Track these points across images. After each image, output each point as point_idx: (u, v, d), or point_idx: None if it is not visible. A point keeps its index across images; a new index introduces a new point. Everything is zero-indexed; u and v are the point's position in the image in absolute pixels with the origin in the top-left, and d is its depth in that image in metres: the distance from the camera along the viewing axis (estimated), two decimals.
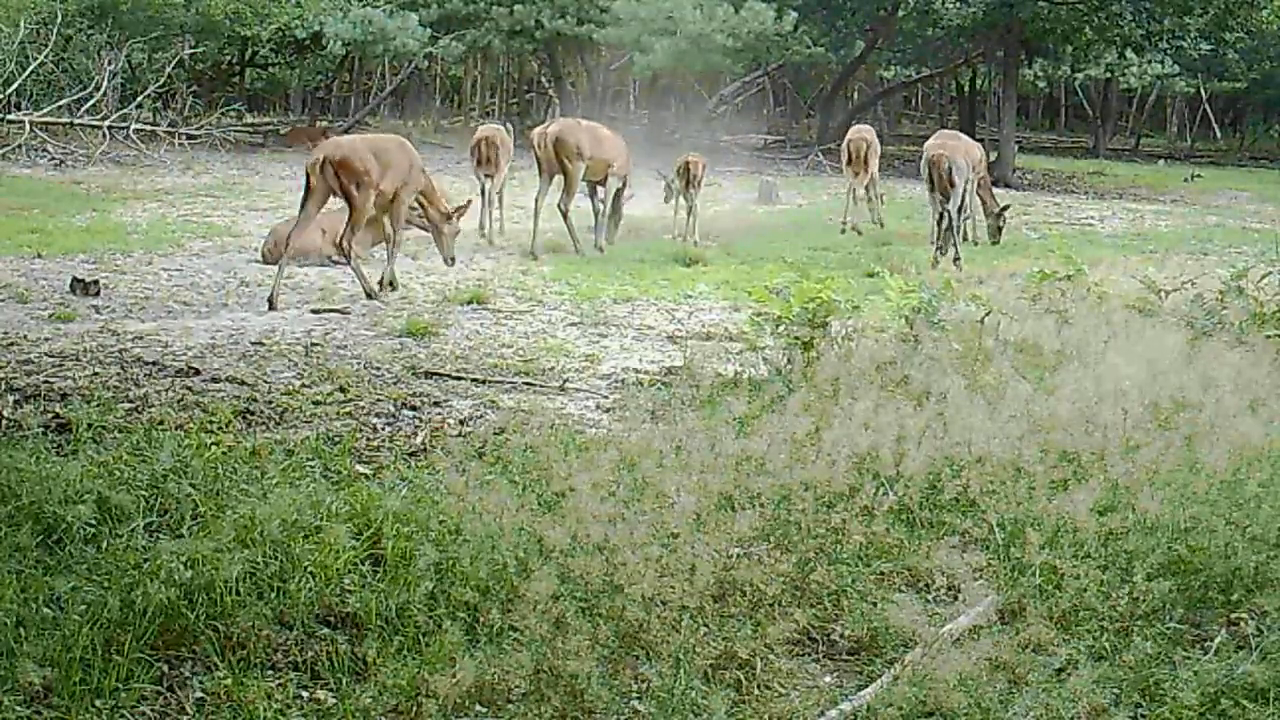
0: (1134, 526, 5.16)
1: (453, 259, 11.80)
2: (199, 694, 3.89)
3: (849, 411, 6.35)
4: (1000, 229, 15.59)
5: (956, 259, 13.32)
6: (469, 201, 12.43)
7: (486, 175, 14.94)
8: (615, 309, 10.76)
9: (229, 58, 35.03)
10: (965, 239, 14.68)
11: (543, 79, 39.15)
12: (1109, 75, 34.99)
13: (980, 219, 15.76)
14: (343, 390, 7.62)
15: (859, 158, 16.64)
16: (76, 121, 23.79)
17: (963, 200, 13.94)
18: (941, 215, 13.75)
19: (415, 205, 11.56)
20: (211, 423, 6.35)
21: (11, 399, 6.96)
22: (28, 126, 22.74)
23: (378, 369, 8.26)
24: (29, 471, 5.18)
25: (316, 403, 7.33)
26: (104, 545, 4.70)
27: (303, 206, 10.96)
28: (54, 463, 5.41)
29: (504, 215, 15.25)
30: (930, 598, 4.77)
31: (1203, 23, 27.48)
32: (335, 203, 11.21)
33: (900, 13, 29.94)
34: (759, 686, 4.08)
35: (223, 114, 28.25)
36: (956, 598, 4.73)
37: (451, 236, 11.70)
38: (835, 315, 8.03)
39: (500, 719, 3.86)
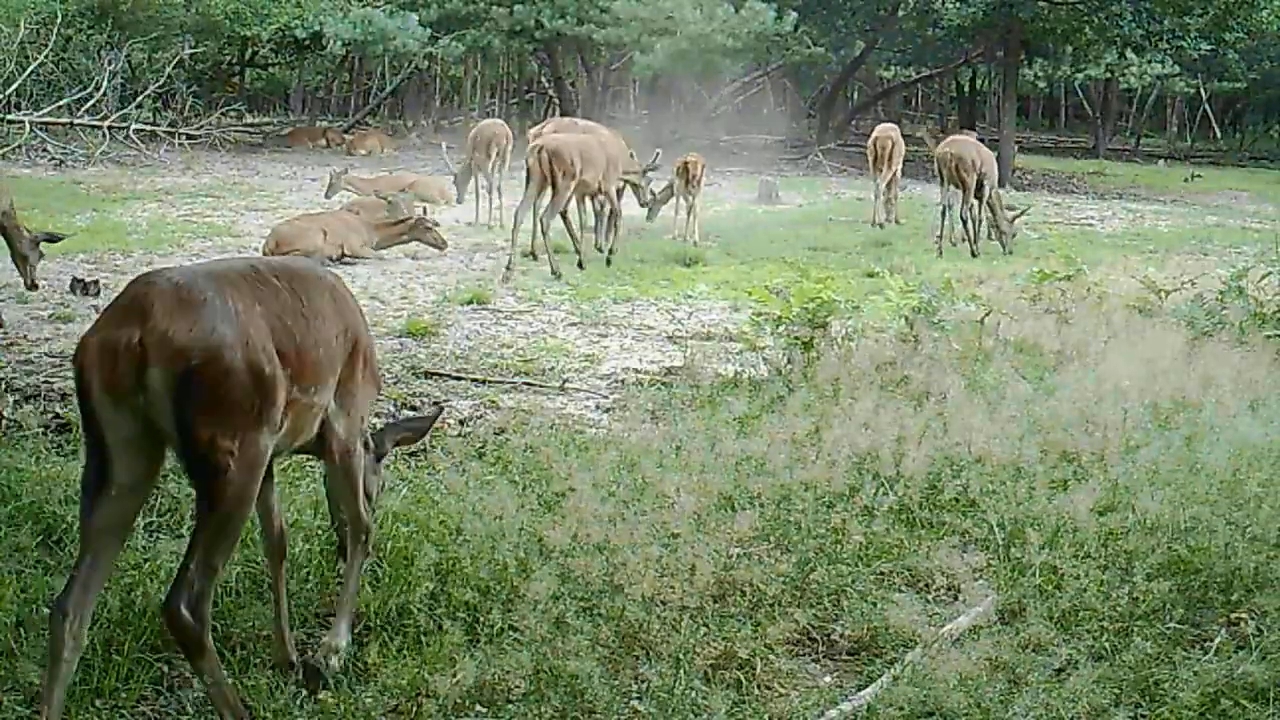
0: (1134, 526, 5.16)
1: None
2: (199, 694, 3.89)
3: (849, 411, 6.35)
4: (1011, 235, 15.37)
5: (974, 253, 14.22)
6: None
7: (494, 169, 15.71)
8: (615, 309, 10.76)
9: (229, 58, 35.05)
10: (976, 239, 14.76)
11: (543, 79, 39.14)
12: (1109, 75, 35.02)
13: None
14: None
15: (884, 155, 16.87)
16: (76, 121, 23.78)
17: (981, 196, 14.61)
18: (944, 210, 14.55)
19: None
20: None
21: (11, 399, 6.96)
22: (28, 126, 22.74)
23: (378, 369, 8.25)
24: (29, 471, 5.18)
25: None
26: None
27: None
28: (54, 463, 5.42)
29: (503, 208, 15.63)
30: (930, 598, 4.77)
31: (1203, 23, 27.46)
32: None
33: (900, 13, 29.96)
34: (759, 686, 4.08)
35: (223, 114, 28.27)
36: (956, 598, 4.73)
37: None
38: (835, 315, 8.04)
39: (500, 719, 3.86)
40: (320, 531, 4.74)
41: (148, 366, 3.21)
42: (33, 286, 10.17)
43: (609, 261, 12.91)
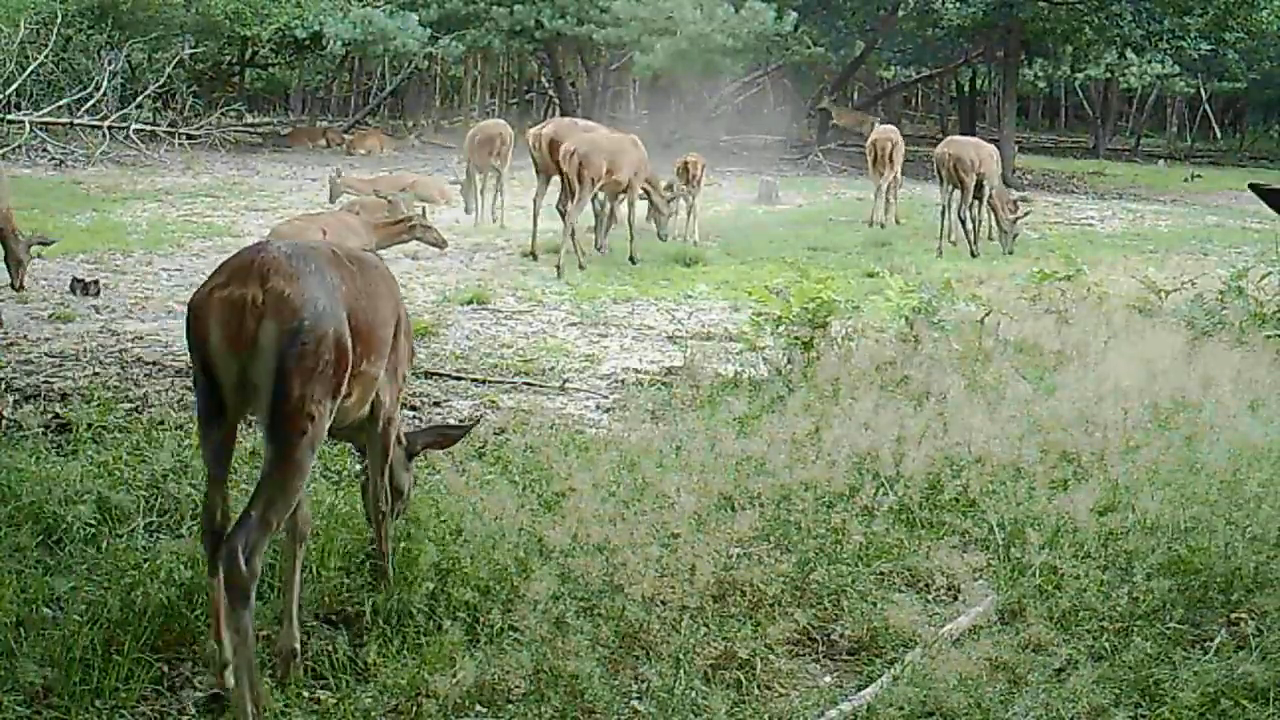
0: (1134, 526, 5.16)
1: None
2: (199, 694, 3.89)
3: (849, 411, 6.35)
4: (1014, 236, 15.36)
5: (974, 253, 14.26)
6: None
7: (494, 168, 16.16)
8: (615, 309, 10.76)
9: (229, 58, 35.02)
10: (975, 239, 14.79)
11: (543, 79, 39.14)
12: (1109, 75, 35.02)
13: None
14: None
15: (884, 156, 16.88)
16: (76, 121, 23.78)
17: (981, 195, 14.70)
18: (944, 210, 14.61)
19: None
20: None
21: (11, 399, 6.96)
22: (28, 126, 22.74)
23: None
24: (29, 471, 5.18)
25: None
26: (104, 545, 4.70)
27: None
28: (54, 463, 5.42)
29: (503, 208, 16.18)
30: (930, 598, 4.77)
31: (1203, 23, 27.47)
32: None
33: (900, 13, 29.95)
34: (759, 686, 4.08)
35: (223, 114, 28.25)
36: (956, 598, 4.73)
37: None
38: (835, 315, 8.04)
39: (500, 719, 3.86)
40: (318, 534, 4.73)
41: (264, 320, 3.56)
42: (19, 288, 10.21)
43: (633, 260, 13.14)
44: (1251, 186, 6.99)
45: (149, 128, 24.51)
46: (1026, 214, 16.01)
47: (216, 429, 3.69)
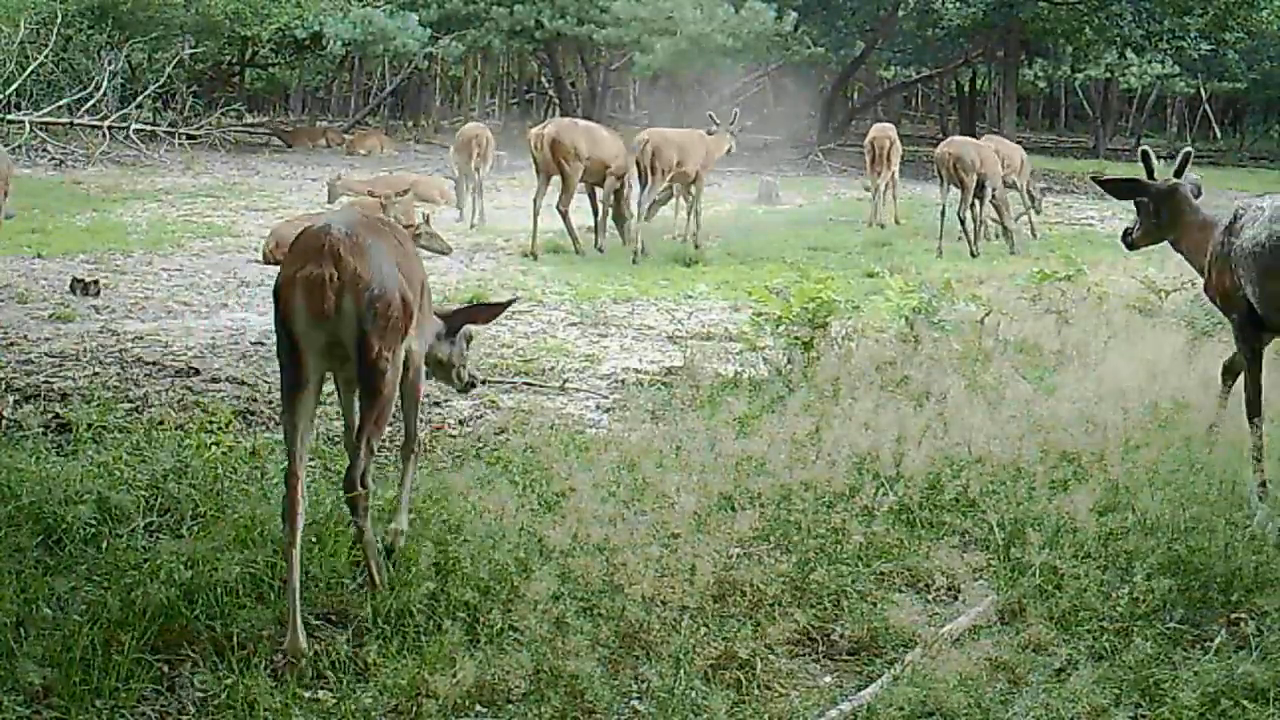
0: (1134, 526, 5.15)
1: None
2: (199, 694, 3.89)
3: (849, 411, 6.35)
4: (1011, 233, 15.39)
5: (974, 253, 14.27)
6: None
7: (476, 169, 16.62)
8: (615, 309, 10.76)
9: (229, 58, 35.02)
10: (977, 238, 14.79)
11: (543, 79, 39.16)
12: (1109, 75, 35.04)
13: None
14: None
15: (882, 155, 16.86)
16: (76, 121, 23.79)
17: (983, 195, 14.73)
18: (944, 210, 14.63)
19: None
20: (211, 423, 6.34)
21: (11, 399, 6.96)
22: (28, 126, 22.75)
23: None
24: (29, 471, 5.18)
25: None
26: (104, 545, 4.70)
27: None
28: (54, 463, 5.42)
29: (481, 210, 16.51)
30: (930, 598, 4.77)
31: (1203, 23, 27.50)
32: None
33: (900, 13, 29.98)
34: (759, 686, 4.08)
35: (223, 114, 28.25)
36: (956, 598, 4.73)
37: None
38: (835, 315, 8.03)
39: (500, 719, 3.86)
40: (318, 534, 4.73)
41: (344, 295, 4.20)
42: None
43: (696, 246, 14.01)
44: (1093, 179, 7.08)
45: (149, 128, 24.52)
46: (1030, 210, 16.10)
47: (303, 393, 4.31)
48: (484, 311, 5.69)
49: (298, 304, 4.21)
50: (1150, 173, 6.69)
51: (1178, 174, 6.56)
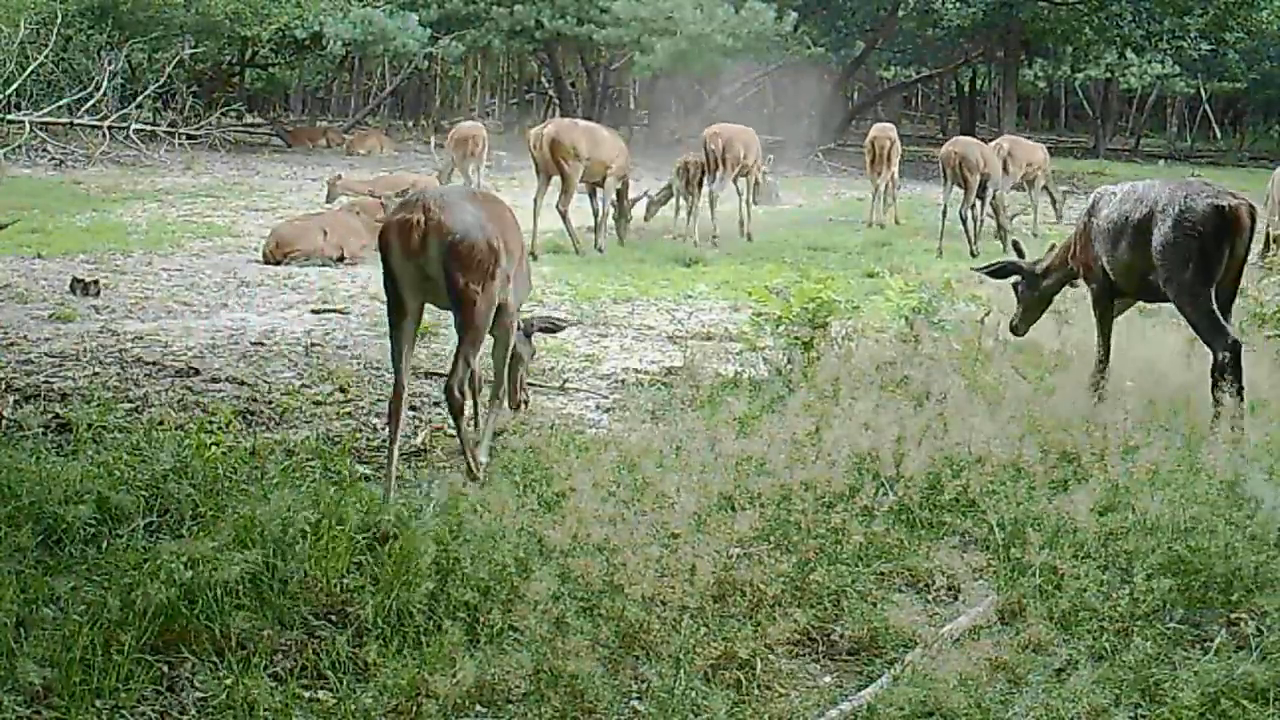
0: (1134, 526, 5.15)
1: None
2: (199, 694, 3.89)
3: (849, 411, 6.35)
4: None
5: (974, 253, 14.27)
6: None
7: (473, 168, 17.35)
8: (615, 309, 10.75)
9: (229, 58, 35.02)
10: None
11: (543, 79, 39.16)
12: (1109, 75, 35.05)
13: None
14: (343, 390, 7.62)
15: (882, 155, 16.84)
16: (76, 121, 23.79)
17: (983, 195, 14.87)
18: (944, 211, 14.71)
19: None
20: (211, 423, 6.35)
21: (11, 399, 6.96)
22: (28, 126, 22.74)
23: (378, 369, 8.25)
24: (29, 471, 5.18)
25: (316, 403, 7.33)
26: (104, 545, 4.70)
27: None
28: (54, 463, 5.42)
29: None
30: (930, 598, 4.77)
31: (1203, 23, 27.50)
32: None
33: (900, 13, 29.97)
34: (759, 686, 4.08)
35: (223, 114, 28.25)
36: (956, 598, 4.73)
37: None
38: (835, 315, 8.03)
39: (500, 719, 3.86)
40: (318, 534, 4.73)
41: (429, 237, 5.40)
42: None
43: (749, 238, 15.05)
44: (974, 270, 8.14)
45: (149, 128, 24.52)
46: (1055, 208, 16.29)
47: (404, 320, 5.55)
48: (552, 324, 7.06)
49: (393, 243, 5.43)
50: (1021, 256, 8.13)
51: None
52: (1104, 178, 28.87)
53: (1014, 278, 8.05)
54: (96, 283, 10.59)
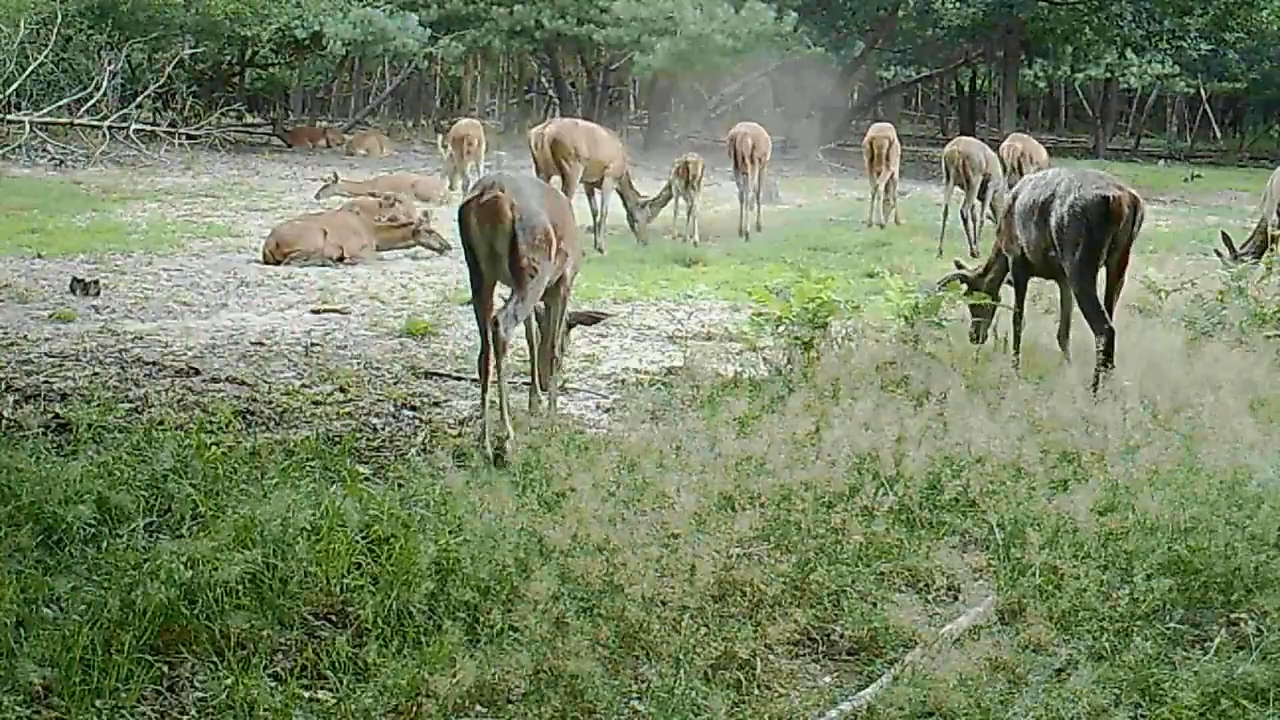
0: (1134, 526, 5.15)
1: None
2: (199, 694, 3.89)
3: (849, 411, 6.35)
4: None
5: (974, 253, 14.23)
6: None
7: (470, 166, 17.90)
8: (615, 309, 10.75)
9: (229, 58, 34.97)
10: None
11: (543, 79, 39.15)
12: (1109, 75, 35.00)
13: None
14: (343, 390, 7.62)
15: (880, 155, 16.82)
16: (76, 121, 23.76)
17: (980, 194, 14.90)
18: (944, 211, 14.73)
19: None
20: (211, 423, 6.35)
21: (11, 399, 6.96)
22: (28, 126, 22.72)
23: (378, 369, 8.26)
24: (29, 471, 5.18)
25: (316, 403, 7.33)
26: (104, 545, 4.70)
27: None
28: (54, 463, 5.42)
29: None
30: (930, 598, 4.77)
31: (1203, 23, 27.51)
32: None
33: (900, 13, 29.97)
34: (759, 686, 4.08)
35: (223, 114, 28.23)
36: (956, 598, 4.73)
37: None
38: (835, 315, 8.03)
39: (500, 719, 3.86)
40: (318, 534, 4.73)
41: (500, 219, 6.28)
42: None
43: (758, 228, 15.83)
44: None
45: (149, 128, 24.49)
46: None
47: (484, 290, 6.49)
48: (592, 317, 8.12)
49: (472, 221, 6.33)
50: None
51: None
52: None
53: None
54: (96, 283, 10.59)
